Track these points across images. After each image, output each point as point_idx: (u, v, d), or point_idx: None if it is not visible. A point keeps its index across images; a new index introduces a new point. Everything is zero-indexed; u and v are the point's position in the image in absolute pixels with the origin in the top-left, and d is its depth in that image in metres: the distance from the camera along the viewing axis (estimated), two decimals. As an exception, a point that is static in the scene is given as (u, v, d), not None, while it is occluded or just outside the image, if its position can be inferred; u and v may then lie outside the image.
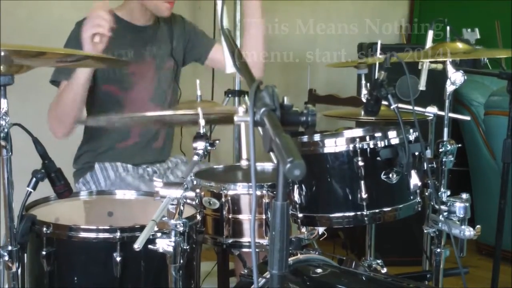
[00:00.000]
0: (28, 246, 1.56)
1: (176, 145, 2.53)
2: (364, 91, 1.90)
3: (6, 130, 1.40)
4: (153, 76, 2.31)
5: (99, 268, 1.61)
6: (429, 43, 2.08)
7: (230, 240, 1.83)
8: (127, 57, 2.21)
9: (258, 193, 1.78)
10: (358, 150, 1.60)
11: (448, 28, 2.00)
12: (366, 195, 1.60)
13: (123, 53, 2.22)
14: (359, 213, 1.62)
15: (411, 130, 1.67)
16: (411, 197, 1.68)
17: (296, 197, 1.67)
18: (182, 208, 1.47)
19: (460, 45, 1.90)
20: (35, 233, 1.57)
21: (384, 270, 2.16)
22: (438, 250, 1.89)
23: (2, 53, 1.33)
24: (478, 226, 1.77)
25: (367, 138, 1.61)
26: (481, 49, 2.12)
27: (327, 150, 1.63)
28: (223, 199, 1.81)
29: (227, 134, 3.28)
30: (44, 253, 1.56)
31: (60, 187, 1.59)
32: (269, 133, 0.92)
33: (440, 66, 1.99)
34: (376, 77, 1.71)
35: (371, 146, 1.61)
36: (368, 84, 1.81)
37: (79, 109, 2.09)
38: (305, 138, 1.76)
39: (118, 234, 1.54)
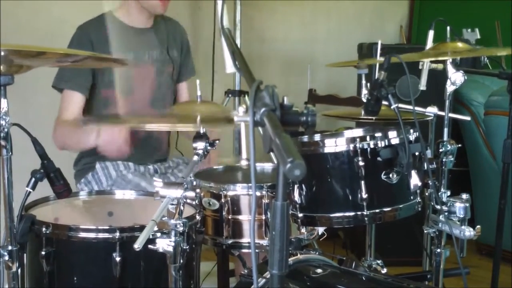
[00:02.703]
0: (28, 246, 1.56)
1: (171, 143, 2.53)
2: (364, 91, 1.90)
3: (6, 130, 1.40)
4: (153, 80, 2.31)
5: (99, 268, 1.61)
6: (429, 43, 2.08)
7: (230, 241, 1.83)
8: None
9: (258, 193, 1.78)
10: (358, 150, 1.60)
11: (448, 28, 2.00)
12: (366, 195, 1.60)
13: (123, 56, 2.22)
14: (359, 213, 1.62)
15: (411, 130, 1.67)
16: (411, 197, 1.68)
17: (296, 197, 1.67)
18: (182, 208, 1.47)
19: (460, 44, 1.90)
20: (34, 233, 1.57)
21: (384, 270, 2.17)
22: (438, 250, 1.89)
23: (2, 53, 1.33)
24: (478, 226, 1.77)
25: (368, 138, 1.61)
26: (482, 48, 2.11)
27: (327, 150, 1.63)
28: (222, 200, 1.81)
29: (227, 134, 3.27)
30: (43, 253, 1.56)
31: (59, 187, 1.59)
32: (269, 133, 0.92)
33: (440, 66, 1.99)
34: (376, 77, 1.71)
35: (371, 146, 1.61)
36: (368, 84, 1.81)
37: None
38: (305, 138, 1.76)
39: (117, 234, 1.54)
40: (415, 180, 1.65)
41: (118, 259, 1.53)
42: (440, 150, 1.85)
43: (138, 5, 2.23)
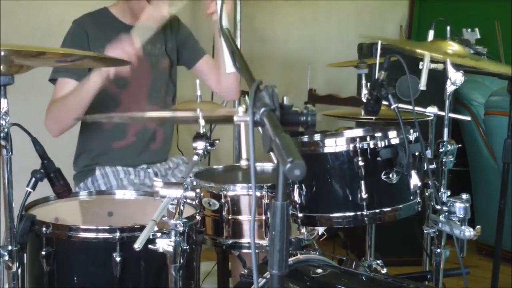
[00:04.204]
0: (28, 246, 1.56)
1: (173, 143, 2.52)
2: (364, 91, 1.90)
3: (6, 130, 1.40)
4: (149, 74, 2.30)
5: (99, 268, 1.61)
6: (429, 43, 2.08)
7: (230, 241, 1.83)
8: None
9: (258, 193, 1.78)
10: (358, 150, 1.60)
11: (448, 28, 2.00)
12: (366, 195, 1.60)
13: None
14: (359, 213, 1.61)
15: (411, 130, 1.67)
16: (411, 197, 1.68)
17: (296, 197, 1.67)
18: (182, 208, 1.47)
19: (456, 46, 1.90)
20: (34, 233, 1.57)
21: (384, 270, 2.16)
22: (438, 250, 1.89)
23: (2, 53, 1.33)
24: (478, 226, 1.77)
25: (367, 138, 1.61)
26: (483, 60, 2.11)
27: (327, 150, 1.63)
28: (222, 200, 1.81)
29: (227, 134, 3.28)
30: (43, 253, 1.56)
31: (59, 187, 1.59)
32: (268, 133, 0.92)
33: (440, 66, 1.99)
34: (376, 77, 1.71)
35: (371, 146, 1.60)
36: (368, 84, 1.81)
37: (82, 113, 2.09)
38: (305, 138, 1.76)
39: (117, 234, 1.54)
40: (415, 180, 1.65)
41: (118, 259, 1.53)
42: (440, 150, 1.85)
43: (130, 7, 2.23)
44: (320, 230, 1.93)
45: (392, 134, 1.62)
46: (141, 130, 2.31)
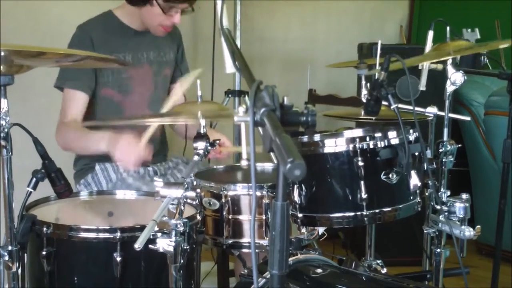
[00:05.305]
0: (28, 246, 1.57)
1: (180, 149, 2.52)
2: (364, 91, 1.90)
3: (6, 130, 1.40)
4: (151, 81, 2.31)
5: (99, 268, 1.61)
6: (429, 44, 2.08)
7: (230, 241, 1.83)
8: (125, 60, 2.22)
9: (258, 193, 1.78)
10: (358, 150, 1.60)
11: (448, 28, 2.00)
12: (366, 195, 1.60)
13: (121, 56, 2.22)
14: (359, 213, 1.62)
15: (411, 130, 1.67)
16: (411, 197, 1.68)
17: (296, 197, 1.67)
18: (182, 208, 1.47)
19: (461, 43, 1.90)
20: (35, 233, 1.57)
21: (384, 270, 2.17)
22: (438, 250, 1.90)
23: (2, 53, 1.33)
24: (478, 226, 1.77)
25: (367, 138, 1.61)
26: (481, 44, 2.10)
27: (327, 150, 1.63)
28: (223, 200, 1.81)
29: (227, 134, 3.27)
30: (44, 253, 1.56)
31: (60, 187, 1.59)
32: (269, 133, 0.92)
33: (440, 66, 1.99)
34: (376, 77, 1.71)
35: (371, 146, 1.61)
36: (368, 84, 1.81)
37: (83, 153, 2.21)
38: (305, 138, 1.76)
39: (118, 234, 1.54)
40: (414, 180, 1.65)
41: (118, 259, 1.53)
42: (440, 150, 1.85)
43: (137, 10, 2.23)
44: (320, 230, 1.94)
45: (392, 134, 1.63)
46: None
